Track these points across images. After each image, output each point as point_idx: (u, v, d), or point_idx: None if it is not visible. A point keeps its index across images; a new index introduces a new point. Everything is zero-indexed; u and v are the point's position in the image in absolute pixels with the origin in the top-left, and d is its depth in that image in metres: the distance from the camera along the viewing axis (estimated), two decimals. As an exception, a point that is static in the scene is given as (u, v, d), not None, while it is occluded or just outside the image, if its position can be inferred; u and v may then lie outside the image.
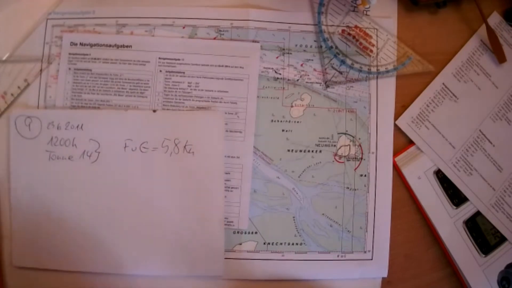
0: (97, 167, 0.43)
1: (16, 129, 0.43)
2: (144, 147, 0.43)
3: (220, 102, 0.45)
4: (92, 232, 0.43)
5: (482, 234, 0.47)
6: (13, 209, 0.43)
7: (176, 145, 0.43)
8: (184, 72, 0.45)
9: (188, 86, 0.45)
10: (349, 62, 0.46)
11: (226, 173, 0.45)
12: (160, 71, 0.45)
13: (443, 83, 0.48)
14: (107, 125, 0.44)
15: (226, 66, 0.46)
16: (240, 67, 0.46)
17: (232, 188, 0.45)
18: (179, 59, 0.46)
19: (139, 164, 0.43)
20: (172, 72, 0.45)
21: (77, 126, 0.43)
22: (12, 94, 0.45)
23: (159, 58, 0.46)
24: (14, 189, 0.43)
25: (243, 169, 0.45)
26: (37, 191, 0.43)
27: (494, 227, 0.47)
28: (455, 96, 0.48)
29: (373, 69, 0.46)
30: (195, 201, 0.43)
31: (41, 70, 0.46)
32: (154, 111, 0.44)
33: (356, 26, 0.47)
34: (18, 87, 0.45)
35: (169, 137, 0.44)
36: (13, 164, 0.43)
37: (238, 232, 0.45)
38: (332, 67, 0.46)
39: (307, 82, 0.46)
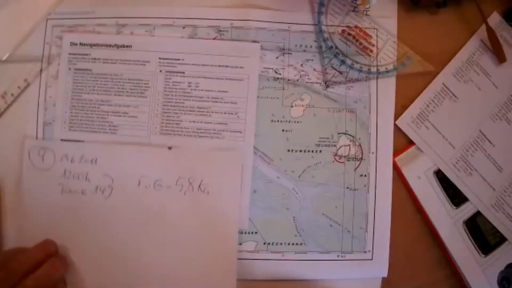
0: (110, 202, 0.43)
1: (29, 159, 0.43)
2: (159, 185, 0.43)
3: (220, 102, 0.45)
4: (103, 269, 0.42)
5: (482, 234, 0.47)
6: (22, 238, 0.42)
7: (190, 183, 0.43)
8: (184, 72, 0.45)
9: (188, 86, 0.45)
10: (349, 62, 0.46)
11: None
12: (160, 71, 0.45)
13: (443, 83, 0.48)
14: (121, 161, 0.43)
15: (226, 66, 0.46)
16: (240, 67, 0.46)
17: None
18: (179, 59, 0.46)
19: (153, 201, 0.43)
20: (172, 72, 0.45)
21: (91, 160, 0.43)
22: (12, 94, 0.45)
23: (159, 58, 0.46)
24: (25, 218, 0.43)
25: (243, 169, 0.45)
26: (48, 223, 0.43)
27: (494, 227, 0.47)
28: (455, 96, 0.48)
29: (373, 69, 0.46)
30: (209, 240, 0.43)
31: (41, 70, 0.46)
32: (170, 148, 0.44)
33: (356, 26, 0.47)
34: (18, 87, 0.45)
35: (183, 175, 0.43)
36: (26, 194, 0.43)
37: (238, 232, 0.45)
38: (332, 67, 0.46)
39: (307, 82, 0.46)
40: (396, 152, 0.47)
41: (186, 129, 0.45)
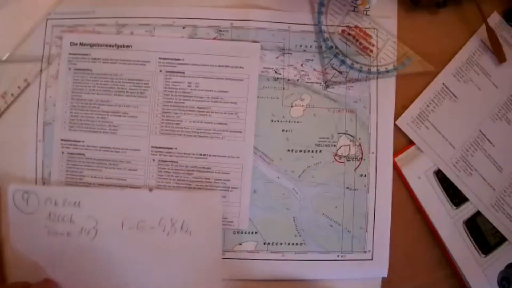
0: (95, 244, 0.42)
1: (14, 203, 0.43)
2: (141, 226, 0.43)
3: (220, 102, 0.45)
4: None
5: (482, 234, 0.47)
6: (10, 279, 0.43)
7: (173, 224, 0.43)
8: (184, 72, 0.45)
9: (188, 86, 0.45)
10: (349, 62, 0.46)
11: (226, 173, 0.45)
12: (160, 71, 0.45)
13: (443, 83, 0.48)
14: (104, 203, 0.43)
15: (226, 66, 0.46)
16: (240, 67, 0.46)
17: (232, 188, 0.45)
18: (179, 59, 0.46)
19: (137, 242, 0.43)
20: (172, 72, 0.45)
21: (74, 203, 0.43)
22: (12, 94, 0.45)
23: (159, 58, 0.45)
24: (13, 259, 0.43)
25: (243, 169, 0.45)
26: (36, 264, 0.42)
27: (494, 227, 0.47)
28: (455, 96, 0.48)
29: (373, 69, 0.46)
30: (193, 279, 0.43)
31: (41, 70, 0.46)
32: (150, 190, 0.44)
33: (356, 26, 0.47)
34: (18, 87, 0.45)
35: (165, 216, 0.43)
36: (13, 237, 0.43)
37: (238, 232, 0.45)
38: (332, 67, 0.46)
39: (307, 82, 0.46)
40: (396, 152, 0.47)
41: (186, 129, 0.45)
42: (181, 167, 0.45)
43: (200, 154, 0.45)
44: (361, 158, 0.46)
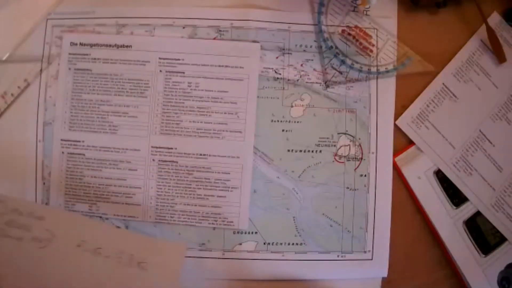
0: (45, 254, 0.40)
1: None
2: (98, 252, 0.40)
3: (220, 102, 0.45)
4: None
5: (482, 234, 0.47)
6: None
7: (131, 259, 0.40)
8: (184, 72, 0.45)
9: (188, 86, 0.45)
10: (349, 62, 0.46)
11: (226, 173, 0.45)
12: (160, 71, 0.45)
13: (443, 83, 0.48)
14: (68, 223, 0.42)
15: (226, 66, 0.46)
16: (240, 67, 0.46)
17: (232, 188, 0.45)
18: (179, 59, 0.46)
19: (88, 265, 0.40)
20: (172, 72, 0.45)
21: (39, 217, 0.41)
22: (12, 94, 0.45)
23: (159, 58, 0.46)
24: None
25: (243, 169, 0.45)
26: None
27: (494, 227, 0.47)
28: (455, 96, 0.48)
29: (373, 69, 0.46)
30: None
31: (41, 70, 0.46)
32: (118, 227, 0.44)
33: (356, 26, 0.47)
34: (18, 87, 0.45)
35: (126, 250, 0.41)
36: None
37: (238, 232, 0.45)
38: (332, 67, 0.46)
39: (307, 82, 0.46)
40: (396, 152, 0.47)
41: (186, 129, 0.45)
42: (181, 167, 0.45)
43: (200, 154, 0.45)
44: (361, 158, 0.46)
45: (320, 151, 0.46)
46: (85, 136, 0.45)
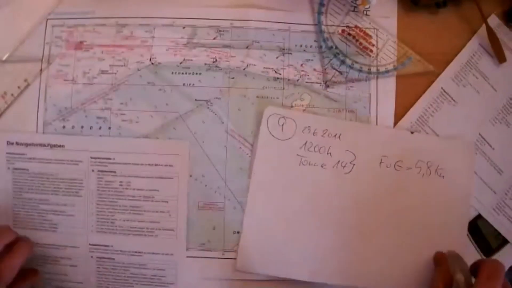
0: (350, 178, 0.44)
1: (267, 127, 0.44)
2: (399, 166, 0.44)
3: (152, 201, 0.45)
4: (337, 245, 0.44)
5: (484, 237, 0.46)
6: (247, 207, 0.44)
7: (428, 167, 0.44)
8: (115, 172, 0.45)
9: (120, 185, 0.45)
10: (349, 62, 0.46)
11: (162, 270, 0.44)
12: (93, 170, 0.45)
13: (441, 88, 0.47)
14: (365, 139, 0.45)
15: (156, 164, 0.45)
16: (170, 166, 0.45)
17: (168, 283, 0.45)
18: (110, 158, 0.45)
19: (392, 181, 0.44)
20: (104, 171, 0.45)
21: (335, 135, 0.44)
22: (12, 94, 0.45)
23: (91, 157, 0.45)
24: (254, 188, 0.44)
25: (177, 265, 0.44)
26: (280, 193, 0.44)
27: (495, 230, 0.47)
28: (454, 100, 0.47)
29: (373, 69, 0.46)
30: (439, 221, 0.44)
31: (41, 70, 0.46)
32: (412, 132, 0.45)
33: (356, 26, 0.47)
34: (18, 87, 0.45)
35: (423, 159, 0.44)
36: (257, 161, 0.44)
37: (238, 232, 0.45)
38: (332, 67, 0.46)
39: (307, 82, 0.46)
40: (397, 153, 0.46)
41: (120, 228, 0.45)
42: (118, 263, 0.45)
43: (135, 252, 0.45)
44: (362, 158, 0.46)
45: (320, 151, 0.46)
46: (28, 234, 0.44)
